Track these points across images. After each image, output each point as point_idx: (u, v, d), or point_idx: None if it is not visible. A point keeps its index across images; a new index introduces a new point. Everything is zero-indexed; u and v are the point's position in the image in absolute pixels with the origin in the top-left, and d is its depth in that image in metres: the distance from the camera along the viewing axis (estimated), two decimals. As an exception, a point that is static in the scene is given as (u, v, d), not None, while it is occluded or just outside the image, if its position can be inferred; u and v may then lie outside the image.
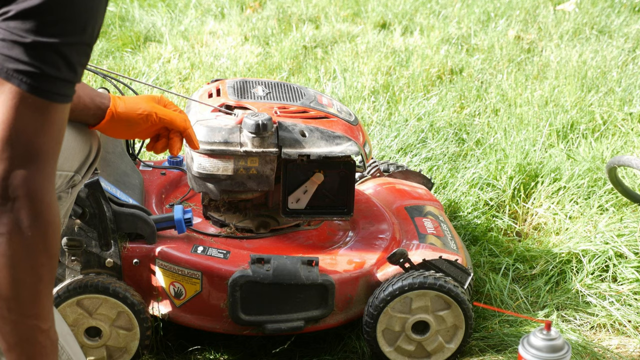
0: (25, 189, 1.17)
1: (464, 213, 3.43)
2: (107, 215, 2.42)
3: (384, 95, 4.58)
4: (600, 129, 4.15)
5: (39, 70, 1.19)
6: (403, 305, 2.52)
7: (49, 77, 1.20)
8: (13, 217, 1.17)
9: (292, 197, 2.61)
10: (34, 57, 1.18)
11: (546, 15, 5.96)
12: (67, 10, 1.21)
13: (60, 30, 1.20)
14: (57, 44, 1.20)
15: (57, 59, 1.21)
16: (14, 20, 1.18)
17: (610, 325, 2.82)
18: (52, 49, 1.20)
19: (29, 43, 1.18)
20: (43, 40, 1.18)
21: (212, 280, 2.48)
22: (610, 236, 3.12)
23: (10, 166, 1.17)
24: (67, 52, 1.22)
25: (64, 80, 1.23)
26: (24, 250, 1.19)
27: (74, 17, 1.22)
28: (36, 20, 1.18)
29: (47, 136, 1.20)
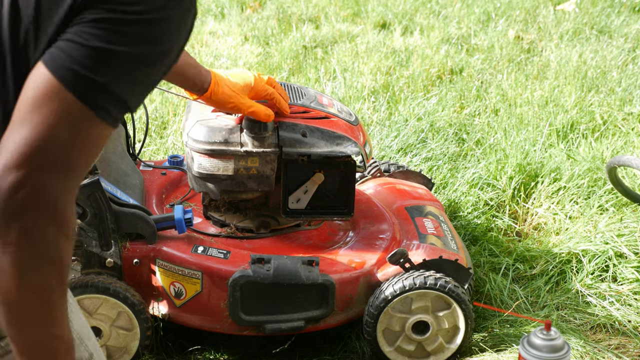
0: (44, 198, 1.10)
1: (464, 213, 3.43)
2: (108, 215, 2.42)
3: (384, 95, 4.58)
4: (600, 129, 4.15)
5: (96, 76, 1.10)
6: (403, 305, 2.52)
7: (104, 87, 1.11)
8: (26, 226, 1.10)
9: (292, 197, 2.61)
10: (95, 62, 1.10)
11: (546, 15, 5.96)
12: (147, 28, 1.13)
13: (137, 44, 1.12)
14: (127, 54, 1.11)
15: (119, 72, 1.12)
16: (87, 24, 1.10)
17: (610, 325, 2.82)
18: (119, 59, 1.11)
19: (95, 47, 1.10)
20: (110, 47, 1.10)
21: (212, 280, 2.48)
22: (610, 236, 3.13)
23: (33, 172, 1.09)
24: (134, 69, 1.14)
25: (117, 98, 1.13)
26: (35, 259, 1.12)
27: (155, 39, 1.15)
28: (109, 27, 1.10)
29: (80, 151, 1.12)
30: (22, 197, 1.09)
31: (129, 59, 1.13)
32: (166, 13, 1.14)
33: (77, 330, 1.44)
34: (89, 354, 1.46)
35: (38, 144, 1.10)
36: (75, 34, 1.11)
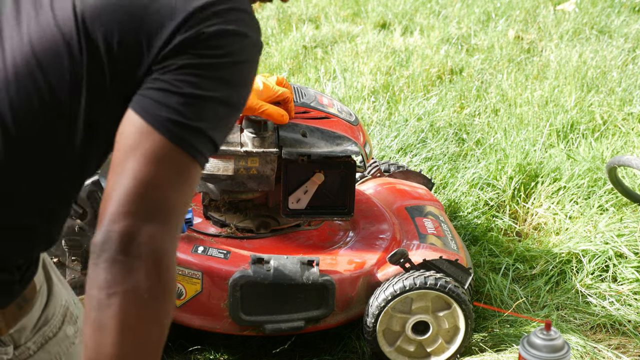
0: (151, 248, 1.09)
1: (464, 213, 3.43)
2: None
3: (384, 95, 4.58)
4: (600, 129, 4.15)
5: (190, 122, 1.12)
6: (403, 306, 2.52)
7: (199, 131, 1.13)
8: (132, 277, 1.09)
9: (292, 197, 2.61)
10: (188, 108, 1.12)
11: (546, 15, 5.96)
12: (233, 71, 1.16)
13: (222, 88, 1.15)
14: (216, 99, 1.14)
15: (211, 116, 1.14)
16: (175, 72, 1.13)
17: (610, 325, 2.82)
18: (208, 104, 1.14)
19: (187, 93, 1.12)
20: (202, 93, 1.13)
21: (212, 280, 2.48)
22: (610, 236, 3.13)
23: (139, 221, 1.09)
24: (222, 112, 1.17)
25: (210, 141, 1.15)
26: (137, 313, 1.10)
27: (239, 82, 1.18)
28: (198, 73, 1.13)
29: (180, 194, 1.13)
30: (133, 246, 1.09)
31: (219, 103, 1.15)
32: (246, 56, 1.18)
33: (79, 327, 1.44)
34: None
35: (141, 191, 1.11)
36: (166, 82, 1.14)
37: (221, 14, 1.15)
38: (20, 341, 1.30)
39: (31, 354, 1.32)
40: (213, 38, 1.14)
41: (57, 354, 1.36)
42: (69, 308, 1.40)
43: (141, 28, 1.14)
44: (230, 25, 1.15)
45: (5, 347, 1.29)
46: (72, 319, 1.41)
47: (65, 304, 1.40)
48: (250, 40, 1.18)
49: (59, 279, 1.43)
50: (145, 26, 1.14)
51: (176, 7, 1.14)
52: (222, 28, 1.15)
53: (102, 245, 1.10)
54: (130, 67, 1.15)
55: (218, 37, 1.14)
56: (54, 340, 1.36)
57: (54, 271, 1.42)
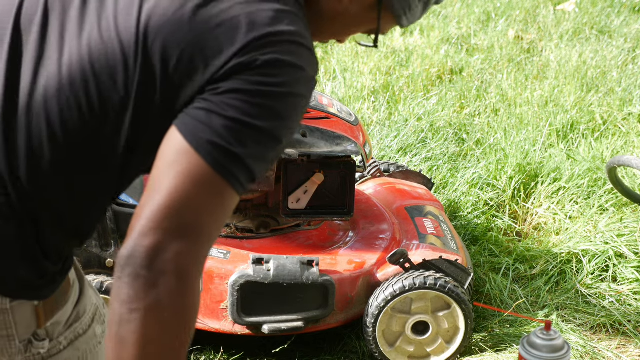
0: (175, 266, 1.09)
1: (464, 213, 3.43)
2: (107, 215, 2.42)
3: (384, 95, 4.58)
4: (600, 129, 4.15)
5: (231, 147, 1.11)
6: (403, 306, 2.52)
7: (237, 158, 1.13)
8: (154, 293, 1.08)
9: (292, 197, 2.61)
10: (231, 133, 1.11)
11: (546, 15, 5.96)
12: (281, 102, 1.15)
13: (268, 117, 1.13)
14: (259, 127, 1.13)
15: (253, 144, 1.13)
16: (224, 95, 1.12)
17: (610, 325, 2.82)
18: (252, 131, 1.13)
19: (231, 117, 1.11)
20: (246, 120, 1.12)
21: (212, 280, 2.48)
22: (610, 236, 3.13)
23: (168, 237, 1.09)
24: (264, 142, 1.15)
25: (247, 169, 1.14)
26: (158, 329, 1.10)
27: (286, 114, 1.16)
28: (245, 99, 1.12)
29: (212, 217, 1.12)
30: (158, 262, 1.09)
31: (262, 132, 1.14)
32: (298, 89, 1.17)
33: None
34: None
35: (173, 208, 1.10)
36: (212, 103, 1.13)
37: (279, 45, 1.15)
38: (54, 335, 1.32)
39: (61, 349, 1.34)
40: (267, 66, 1.14)
41: (85, 352, 1.38)
42: (98, 308, 1.43)
43: (201, 49, 1.14)
44: (286, 56, 1.15)
45: (42, 341, 1.31)
46: (101, 318, 1.43)
47: (95, 303, 1.42)
48: (304, 74, 1.17)
49: (87, 282, 1.45)
50: (206, 48, 1.14)
51: (238, 34, 1.14)
52: (278, 58, 1.14)
53: (127, 259, 1.09)
54: (184, 87, 1.16)
55: (272, 66, 1.14)
56: (83, 337, 1.37)
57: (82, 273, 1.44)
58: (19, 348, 1.32)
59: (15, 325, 1.29)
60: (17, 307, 1.27)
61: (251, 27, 1.14)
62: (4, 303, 1.26)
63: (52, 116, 1.17)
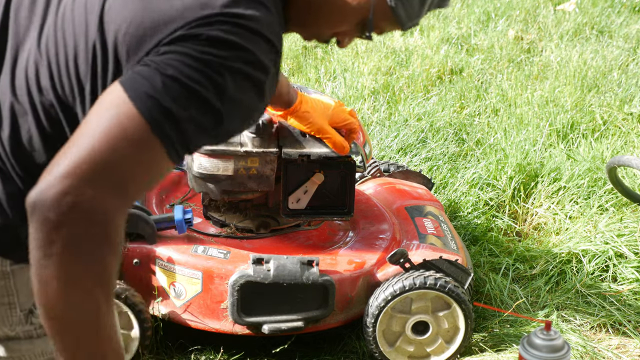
0: (88, 210, 1.08)
1: (464, 213, 3.43)
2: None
3: (384, 95, 4.58)
4: (600, 129, 4.15)
5: (163, 102, 1.12)
6: (403, 306, 2.52)
7: (172, 116, 1.13)
8: (70, 234, 1.08)
9: (292, 197, 2.61)
10: (167, 89, 1.12)
11: (546, 15, 5.96)
12: (222, 77, 1.14)
13: (207, 85, 1.14)
14: (197, 91, 1.13)
15: (187, 106, 1.13)
16: (165, 55, 1.13)
17: (610, 325, 2.82)
18: (188, 93, 1.13)
19: (170, 75, 1.12)
20: (184, 80, 1.12)
21: (212, 280, 2.48)
22: (610, 236, 3.13)
23: (84, 183, 1.08)
24: (201, 108, 1.15)
25: (182, 132, 1.15)
26: (75, 273, 1.10)
27: (224, 88, 1.15)
28: (187, 63, 1.13)
29: (136, 173, 1.13)
30: (66, 204, 1.08)
31: (198, 98, 1.14)
32: (242, 68, 1.17)
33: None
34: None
35: (98, 155, 1.10)
36: (154, 62, 1.15)
37: (228, 25, 1.16)
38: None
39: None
40: (211, 40, 1.15)
41: None
42: None
43: (152, 21, 1.17)
44: (232, 36, 1.16)
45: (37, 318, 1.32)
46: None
47: None
48: (251, 57, 1.17)
49: None
50: (157, 21, 1.17)
51: (191, 10, 1.16)
52: (223, 36, 1.15)
53: (34, 202, 1.08)
54: (133, 56, 1.18)
55: (216, 41, 1.15)
56: None
57: None
58: (20, 318, 1.32)
59: (16, 292, 1.29)
60: (19, 272, 1.27)
61: (205, 5, 1.16)
62: (4, 265, 1.25)
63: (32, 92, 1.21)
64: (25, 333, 1.34)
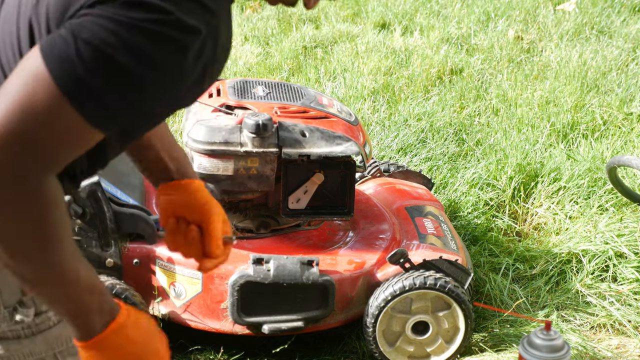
0: (14, 173, 1.07)
1: (464, 213, 3.43)
2: (107, 215, 2.42)
3: (384, 95, 4.58)
4: (600, 129, 4.15)
5: (77, 69, 1.08)
6: (403, 306, 2.52)
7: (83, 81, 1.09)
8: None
9: (292, 197, 2.61)
10: (82, 55, 1.08)
11: (546, 15, 5.96)
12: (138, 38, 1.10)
13: (122, 48, 1.09)
14: (111, 57, 1.09)
15: (103, 73, 1.09)
16: (82, 18, 1.10)
17: (610, 325, 2.82)
18: (103, 58, 1.09)
19: (83, 38, 1.08)
20: (97, 44, 1.08)
21: (212, 281, 2.48)
22: (610, 236, 3.13)
23: (2, 146, 1.07)
24: (118, 74, 1.11)
25: (96, 98, 1.10)
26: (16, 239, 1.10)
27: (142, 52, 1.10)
28: (103, 25, 1.09)
29: (56, 135, 1.10)
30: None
31: (114, 62, 1.11)
32: (161, 29, 1.11)
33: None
34: None
35: (13, 114, 1.09)
36: (71, 25, 1.12)
37: None
38: (41, 307, 1.31)
39: (51, 325, 1.34)
40: (127, 2, 1.10)
41: (67, 337, 1.37)
42: None
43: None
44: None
45: (27, 308, 1.31)
46: None
47: None
48: (169, 16, 1.11)
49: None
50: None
51: None
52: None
53: None
54: (59, 24, 1.15)
55: (132, 2, 1.10)
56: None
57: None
58: (4, 315, 1.31)
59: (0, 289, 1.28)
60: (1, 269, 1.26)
61: None
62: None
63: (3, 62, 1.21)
64: (12, 332, 1.34)
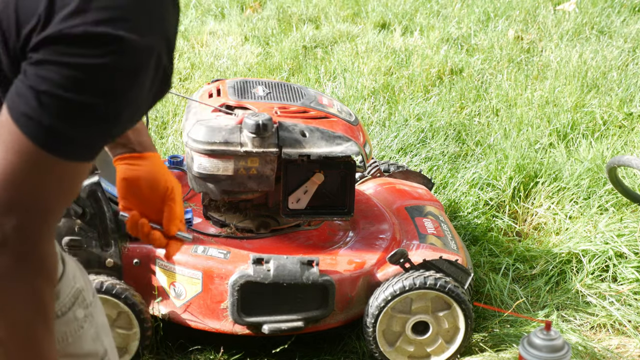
0: (15, 241, 1.07)
1: (464, 213, 3.43)
2: (107, 215, 2.42)
3: (384, 95, 4.58)
4: (600, 129, 4.15)
5: (45, 120, 1.06)
6: (403, 306, 2.52)
7: (55, 131, 1.08)
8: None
9: (292, 197, 2.61)
10: (45, 106, 1.06)
11: (546, 15, 5.96)
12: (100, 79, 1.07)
13: (84, 90, 1.06)
14: (75, 101, 1.06)
15: (72, 117, 1.07)
16: (35, 66, 1.06)
17: (610, 325, 2.82)
18: (67, 104, 1.06)
19: (43, 91, 1.06)
20: (59, 92, 1.06)
21: (212, 280, 2.48)
22: (610, 236, 3.12)
23: (2, 214, 1.07)
24: (85, 115, 1.09)
25: (73, 139, 1.09)
26: (12, 309, 1.10)
27: (105, 88, 1.08)
28: (59, 72, 1.05)
29: (43, 191, 1.10)
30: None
31: (79, 105, 1.08)
32: (116, 61, 1.08)
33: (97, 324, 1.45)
34: (103, 350, 1.47)
35: (3, 187, 1.08)
36: (28, 75, 1.09)
37: (89, 10, 1.05)
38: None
39: None
40: (77, 40, 1.05)
41: (64, 334, 1.37)
42: (82, 292, 1.41)
43: (15, 14, 1.09)
44: (99, 27, 1.05)
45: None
46: (84, 303, 1.41)
47: (79, 287, 1.41)
48: (127, 44, 1.07)
49: (78, 266, 1.44)
50: (19, 13, 1.09)
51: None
52: (89, 30, 1.05)
53: None
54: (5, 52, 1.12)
55: (82, 40, 1.05)
56: (62, 319, 1.36)
57: (70, 258, 1.43)
58: None
59: None
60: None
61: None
62: None
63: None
64: None
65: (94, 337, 1.43)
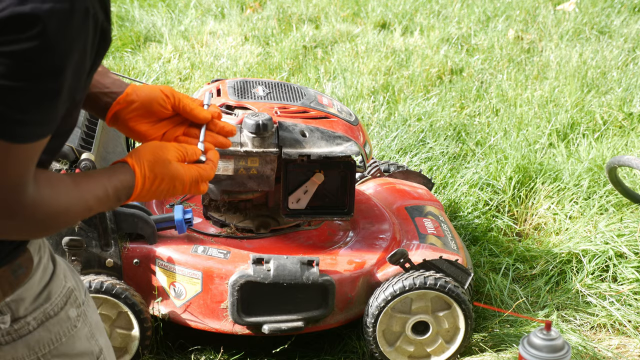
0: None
1: (464, 213, 3.43)
2: (107, 215, 2.42)
3: (383, 95, 4.58)
4: (600, 129, 4.15)
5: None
6: (403, 306, 2.52)
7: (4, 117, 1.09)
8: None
9: (292, 197, 2.61)
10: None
11: (546, 15, 5.96)
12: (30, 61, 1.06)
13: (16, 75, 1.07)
14: (10, 87, 1.07)
15: (11, 101, 1.08)
16: None
17: (610, 325, 2.82)
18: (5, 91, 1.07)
19: None
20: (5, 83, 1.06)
21: (212, 280, 2.48)
22: (610, 236, 3.13)
23: None
24: (24, 97, 1.09)
25: (15, 121, 1.10)
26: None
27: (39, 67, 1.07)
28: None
29: (9, 172, 1.13)
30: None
31: (16, 91, 1.08)
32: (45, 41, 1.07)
33: (90, 323, 1.44)
34: (99, 349, 1.47)
35: None
36: None
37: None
38: (18, 313, 1.31)
39: (31, 330, 1.33)
40: (7, 26, 1.05)
41: (57, 334, 1.37)
42: (73, 291, 1.41)
43: None
44: (26, 5, 1.04)
45: (2, 315, 1.30)
46: (76, 302, 1.41)
47: (70, 286, 1.41)
48: (59, 16, 1.06)
49: (68, 266, 1.44)
50: None
51: None
52: (16, 11, 1.04)
53: None
54: None
55: (13, 24, 1.05)
56: (54, 319, 1.36)
57: (61, 258, 1.44)
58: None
59: None
60: None
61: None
62: None
63: None
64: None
65: (88, 336, 1.43)
